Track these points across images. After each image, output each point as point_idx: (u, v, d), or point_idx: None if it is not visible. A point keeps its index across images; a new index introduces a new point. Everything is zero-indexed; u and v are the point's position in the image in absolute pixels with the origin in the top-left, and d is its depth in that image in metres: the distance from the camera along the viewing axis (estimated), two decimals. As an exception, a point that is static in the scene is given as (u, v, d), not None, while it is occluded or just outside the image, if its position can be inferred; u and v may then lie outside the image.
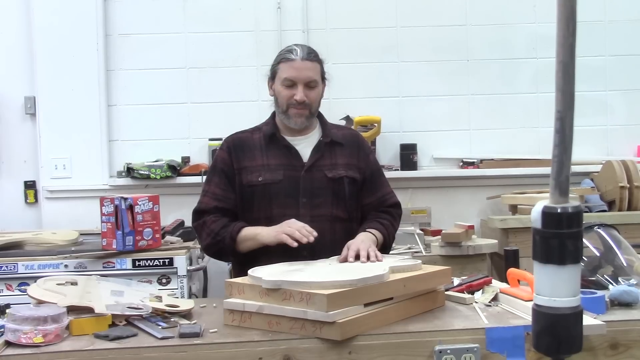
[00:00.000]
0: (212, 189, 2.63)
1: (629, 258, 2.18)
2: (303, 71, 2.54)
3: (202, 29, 4.28)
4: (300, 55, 2.55)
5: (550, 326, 1.20)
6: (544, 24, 4.31)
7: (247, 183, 2.58)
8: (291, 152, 2.60)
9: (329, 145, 2.63)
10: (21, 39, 4.22)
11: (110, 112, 4.25)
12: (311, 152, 2.61)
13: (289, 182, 2.56)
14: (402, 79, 4.34)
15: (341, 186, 2.59)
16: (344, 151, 2.65)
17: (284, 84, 2.56)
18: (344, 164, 2.63)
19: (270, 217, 2.55)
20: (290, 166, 2.58)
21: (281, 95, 2.58)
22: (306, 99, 2.55)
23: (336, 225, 2.57)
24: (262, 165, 2.59)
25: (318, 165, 2.59)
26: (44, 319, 1.78)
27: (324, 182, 2.58)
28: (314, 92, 2.58)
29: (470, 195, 4.32)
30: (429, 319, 1.94)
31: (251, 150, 2.62)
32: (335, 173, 2.59)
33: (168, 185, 4.13)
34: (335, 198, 2.58)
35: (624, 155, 4.25)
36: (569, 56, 1.02)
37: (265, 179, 2.56)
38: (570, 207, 1.15)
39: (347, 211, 2.61)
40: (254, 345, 1.77)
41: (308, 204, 2.55)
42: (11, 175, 4.27)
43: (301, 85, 2.54)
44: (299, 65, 2.54)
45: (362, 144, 2.74)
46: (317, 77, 2.58)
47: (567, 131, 1.06)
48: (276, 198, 2.55)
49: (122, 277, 2.76)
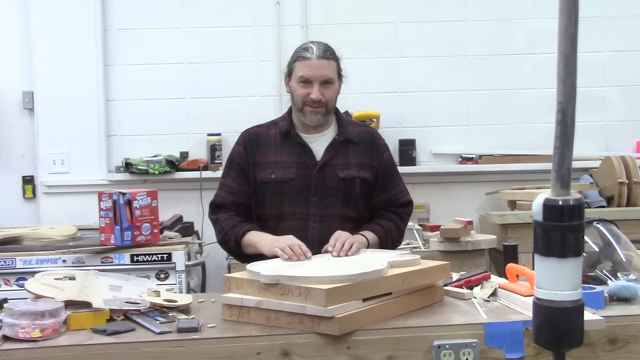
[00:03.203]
0: (229, 182, 2.65)
1: (628, 253, 2.17)
2: (319, 70, 2.53)
3: (201, 24, 4.27)
4: (317, 53, 2.53)
5: (551, 320, 1.19)
6: (543, 20, 4.31)
7: (260, 179, 2.59)
8: (305, 150, 2.60)
9: (343, 144, 2.62)
10: (19, 33, 4.22)
11: (109, 107, 4.25)
12: (325, 151, 2.60)
13: (301, 181, 2.55)
14: (401, 75, 4.33)
15: (352, 186, 2.58)
16: (358, 150, 2.64)
17: (300, 81, 2.55)
18: (357, 163, 2.62)
19: (281, 214, 2.56)
20: (303, 164, 2.58)
21: (297, 93, 2.56)
22: (322, 97, 2.53)
23: (345, 225, 2.55)
24: (275, 162, 2.59)
25: (331, 165, 2.58)
26: (41, 313, 1.77)
27: (335, 181, 2.57)
28: (330, 90, 2.56)
29: (469, 190, 4.32)
30: (428, 314, 1.94)
31: (266, 146, 2.62)
32: (347, 173, 2.58)
33: (166, 181, 4.13)
34: (346, 198, 2.58)
35: (623, 151, 4.25)
36: (571, 47, 1.02)
37: (278, 176, 2.56)
38: (571, 200, 1.14)
39: (357, 211, 2.61)
40: (252, 340, 1.77)
41: (318, 203, 2.55)
42: (9, 170, 4.27)
43: (317, 83, 2.53)
44: (315, 63, 2.52)
45: (376, 142, 2.71)
46: (333, 75, 2.56)
47: (569, 123, 1.05)
48: (288, 196, 2.55)
49: (120, 272, 2.75)
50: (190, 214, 4.02)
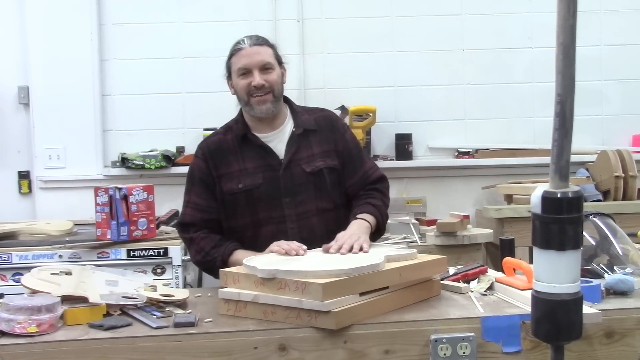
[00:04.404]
0: (194, 199, 2.56)
1: (625, 247, 2.18)
2: (254, 56, 2.50)
3: (197, 19, 4.26)
4: (248, 42, 2.53)
5: (550, 312, 1.19)
6: (539, 14, 4.30)
7: (228, 191, 2.51)
8: (267, 151, 2.53)
9: (302, 135, 2.56)
10: (15, 28, 4.20)
11: (105, 101, 4.24)
12: (286, 147, 2.54)
13: (269, 184, 2.50)
14: (398, 69, 4.33)
15: (322, 178, 2.53)
16: (318, 138, 2.58)
17: (240, 74, 2.52)
18: (321, 152, 2.56)
19: (257, 221, 2.51)
20: (267, 167, 2.52)
21: (239, 86, 2.53)
22: (264, 82, 2.49)
23: (324, 217, 2.52)
24: (239, 170, 2.52)
25: (295, 160, 2.53)
26: (38, 308, 1.77)
27: (303, 177, 2.51)
28: (272, 74, 2.52)
29: (466, 185, 4.32)
30: (425, 308, 1.93)
31: (226, 156, 2.56)
32: (314, 166, 2.53)
33: (162, 175, 4.12)
34: (317, 191, 2.53)
35: (619, 145, 4.25)
36: (570, 38, 1.01)
37: (246, 185, 2.50)
38: (570, 192, 1.14)
39: (332, 201, 2.56)
40: (249, 334, 1.77)
41: (292, 203, 2.50)
42: (5, 165, 4.25)
43: (256, 70, 2.49)
44: (249, 51, 2.51)
45: (335, 125, 2.64)
46: (270, 59, 2.53)
47: (568, 114, 1.05)
48: (260, 202, 2.50)
49: (116, 267, 2.76)
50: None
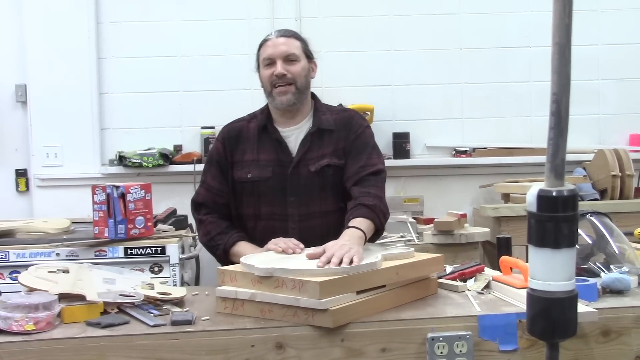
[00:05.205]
0: (209, 180, 2.64)
1: (621, 246, 2.18)
2: (279, 46, 2.53)
3: (195, 17, 4.26)
4: (276, 34, 2.57)
5: (545, 310, 1.20)
6: (537, 13, 4.30)
7: (238, 179, 2.56)
8: (281, 146, 2.56)
9: (317, 134, 2.56)
10: (12, 26, 4.19)
11: (102, 100, 4.23)
12: (299, 146, 2.56)
13: (277, 180, 2.52)
14: (395, 68, 4.33)
15: (325, 176, 2.52)
16: (333, 138, 2.57)
17: (265, 65, 2.55)
18: (331, 152, 2.55)
19: (259, 214, 2.54)
20: (279, 162, 2.54)
21: (264, 76, 2.56)
22: (287, 72, 2.50)
23: (327, 219, 2.53)
24: (252, 160, 2.56)
25: (305, 160, 2.53)
26: (35, 306, 1.77)
27: (309, 178, 2.52)
28: (296, 66, 2.53)
29: (463, 183, 4.32)
30: (422, 307, 1.94)
31: (244, 143, 2.59)
32: (318, 165, 2.53)
33: (160, 174, 4.12)
34: (322, 192, 2.53)
35: (616, 144, 4.26)
36: (565, 37, 1.02)
37: (254, 175, 2.53)
38: (565, 191, 1.15)
39: (336, 202, 2.55)
40: (246, 332, 1.77)
41: (296, 203, 2.51)
42: (2, 163, 4.25)
43: (279, 60, 2.52)
44: (275, 42, 2.55)
45: (350, 124, 2.59)
46: (296, 51, 2.55)
47: (563, 113, 1.05)
48: (264, 196, 2.52)
49: (114, 265, 2.74)
50: (184, 207, 3.97)
